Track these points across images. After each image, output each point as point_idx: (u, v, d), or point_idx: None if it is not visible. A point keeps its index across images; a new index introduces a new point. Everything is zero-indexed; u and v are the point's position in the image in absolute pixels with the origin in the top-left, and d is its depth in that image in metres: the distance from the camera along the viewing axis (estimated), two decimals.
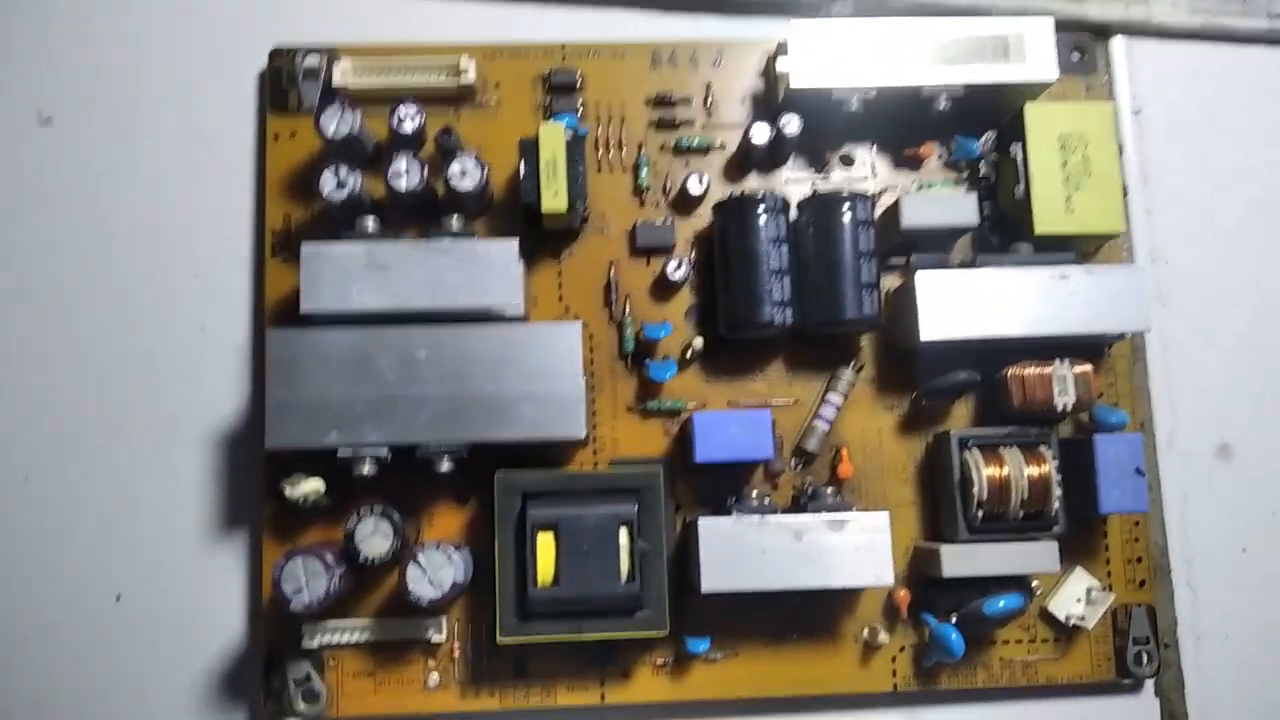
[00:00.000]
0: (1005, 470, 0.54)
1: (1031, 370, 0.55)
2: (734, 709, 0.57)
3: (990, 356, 0.56)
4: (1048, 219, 0.55)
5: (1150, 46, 0.63)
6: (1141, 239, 0.62)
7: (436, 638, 0.55)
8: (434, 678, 0.56)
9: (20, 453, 0.58)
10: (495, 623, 0.52)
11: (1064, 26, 0.61)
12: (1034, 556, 0.54)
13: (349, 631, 0.55)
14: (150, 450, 0.58)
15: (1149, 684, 0.59)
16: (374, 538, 0.52)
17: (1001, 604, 0.54)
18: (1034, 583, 0.57)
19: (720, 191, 0.59)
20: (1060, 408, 0.54)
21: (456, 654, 0.56)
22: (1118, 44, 0.63)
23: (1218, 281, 0.62)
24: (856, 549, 0.53)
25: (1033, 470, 0.54)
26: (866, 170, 0.60)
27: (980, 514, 0.54)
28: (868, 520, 0.53)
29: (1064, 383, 0.54)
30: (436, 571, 0.52)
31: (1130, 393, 0.59)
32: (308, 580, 0.51)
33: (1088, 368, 0.55)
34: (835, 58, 0.56)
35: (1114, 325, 0.54)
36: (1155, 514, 0.60)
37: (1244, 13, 0.63)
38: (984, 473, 0.54)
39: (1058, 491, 0.54)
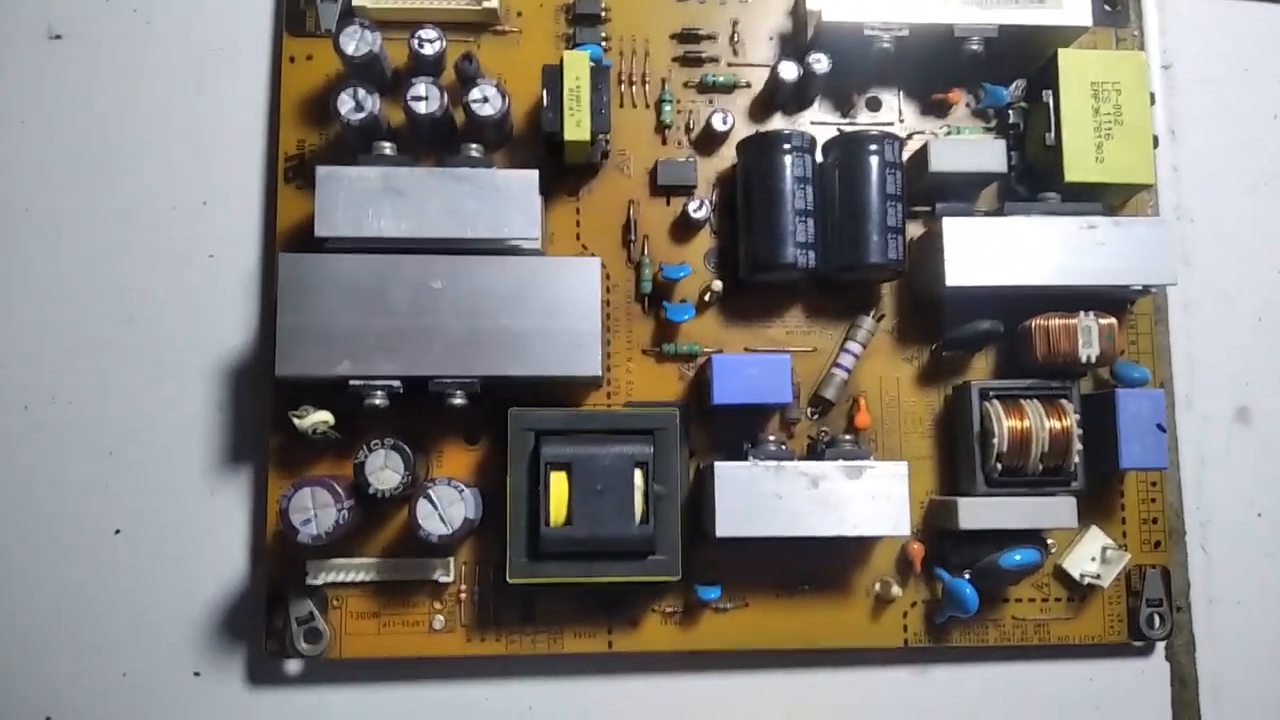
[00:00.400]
0: (1026, 422, 0.53)
1: (1056, 321, 0.54)
2: (743, 660, 0.56)
3: (1014, 307, 0.55)
4: (1078, 167, 0.54)
5: (1183, 1, 0.62)
6: (1167, 195, 0.61)
7: (444, 579, 0.54)
8: (439, 620, 0.54)
9: (20, 379, 0.56)
10: (505, 563, 0.51)
11: None
12: (1052, 512, 0.53)
13: (354, 570, 0.54)
14: (154, 379, 0.57)
15: (1159, 647, 0.58)
16: (384, 471, 0.51)
17: (1018, 558, 0.53)
18: (1049, 540, 0.56)
19: (744, 131, 0.58)
20: (1085, 359, 0.53)
21: (463, 596, 0.55)
22: None
23: (1242, 241, 0.61)
24: (874, 498, 0.52)
25: (1054, 423, 0.53)
26: (893, 115, 0.59)
27: (999, 467, 0.53)
28: (886, 469, 0.52)
29: (1089, 334, 0.53)
30: (448, 507, 0.51)
31: (1151, 351, 0.58)
32: (316, 511, 0.50)
33: (1112, 320, 0.54)
34: None
35: (1141, 278, 0.54)
36: (1172, 476, 0.59)
37: None
38: (1005, 424, 0.53)
39: (1078, 446, 0.53)
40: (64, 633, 0.55)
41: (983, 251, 0.54)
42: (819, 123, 0.59)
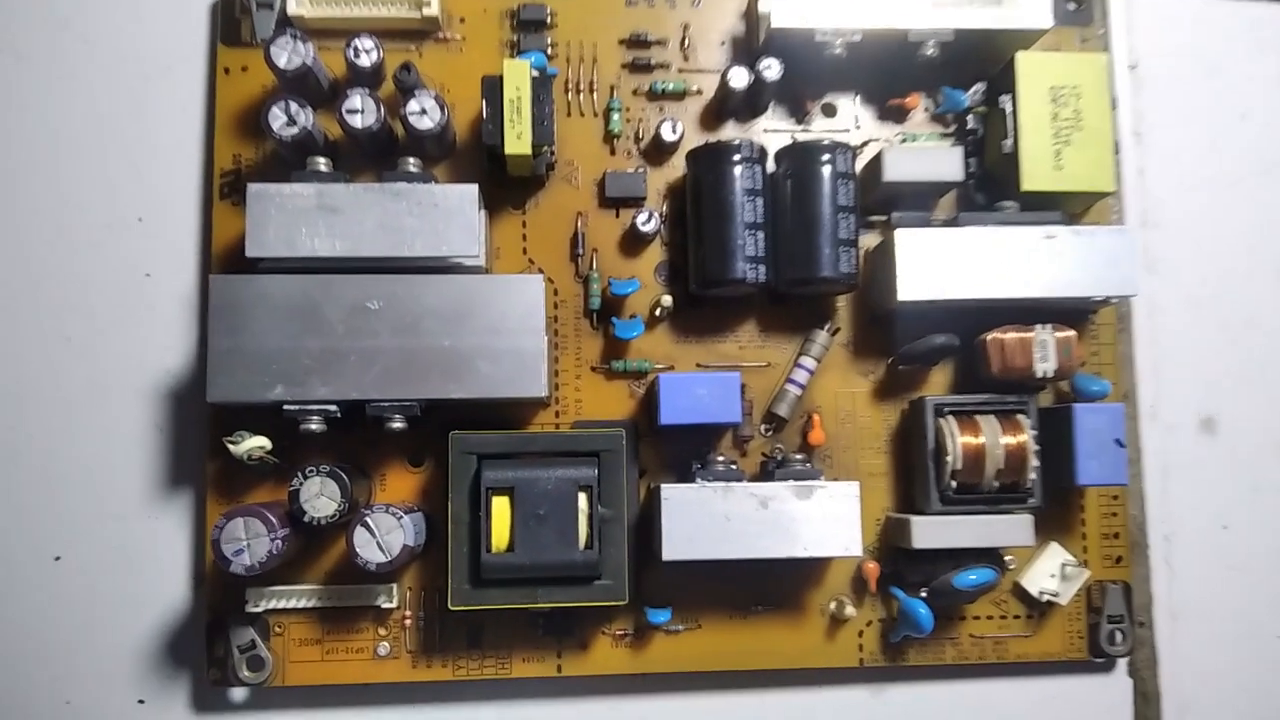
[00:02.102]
0: (981, 439, 0.51)
1: (1011, 335, 0.52)
2: (695, 683, 0.55)
3: (971, 320, 0.54)
4: (1036, 175, 0.53)
5: None
6: (1133, 200, 0.59)
7: (387, 605, 0.53)
8: (384, 646, 0.53)
9: None
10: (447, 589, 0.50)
11: None
12: (1008, 530, 0.52)
13: (296, 597, 0.53)
14: (91, 403, 0.55)
15: (1121, 663, 0.57)
16: (319, 498, 0.50)
17: (972, 578, 0.52)
18: (1007, 557, 0.55)
19: (695, 140, 0.56)
20: (1040, 374, 0.52)
21: (408, 622, 0.54)
22: None
23: (1210, 246, 0.60)
24: (825, 518, 0.50)
25: (1009, 439, 0.52)
26: (849, 122, 0.58)
27: (954, 484, 0.52)
28: (837, 489, 0.51)
29: (1045, 348, 0.52)
30: (386, 535, 0.49)
31: (1114, 362, 0.57)
32: (249, 541, 0.48)
33: (1070, 333, 0.52)
34: None
35: (1101, 289, 0.52)
36: (1135, 488, 0.58)
37: None
38: (959, 440, 0.51)
39: (1034, 462, 0.52)
40: (5, 661, 0.54)
41: (936, 264, 0.52)
42: (773, 130, 0.57)
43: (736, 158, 0.53)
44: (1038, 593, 0.54)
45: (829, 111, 0.58)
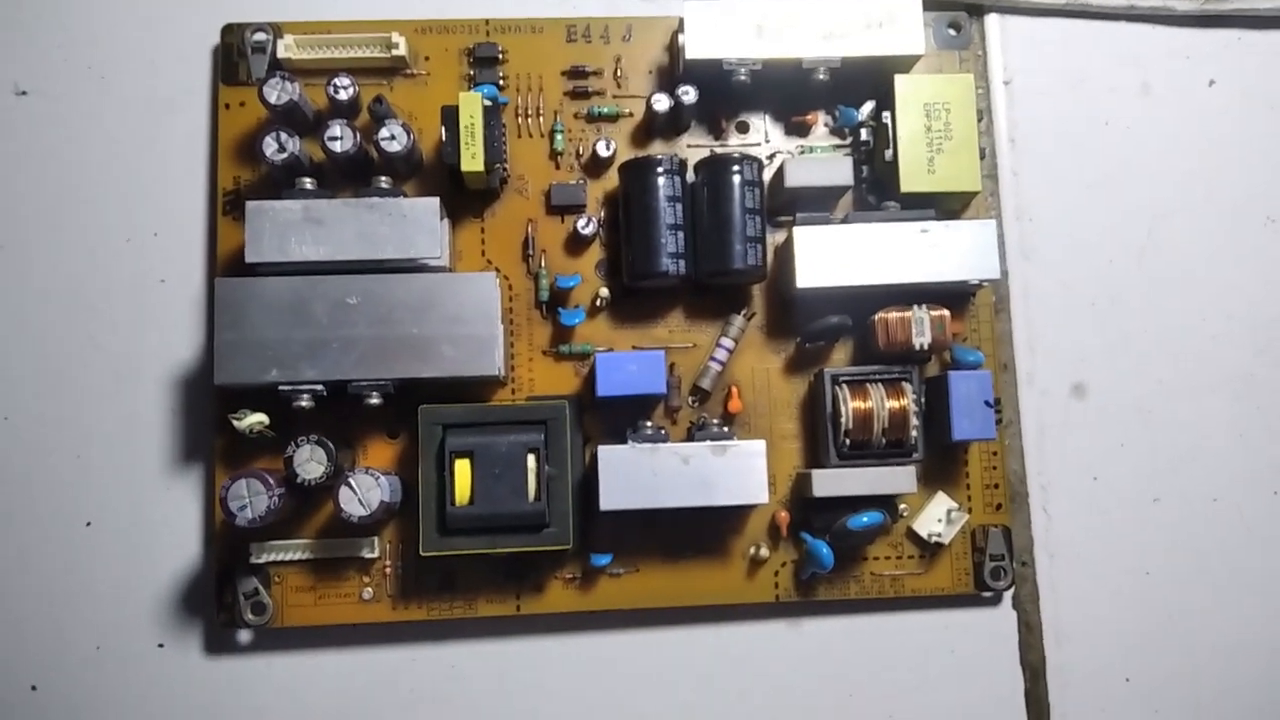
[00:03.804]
0: (868, 403, 0.61)
1: (893, 314, 0.61)
2: (635, 618, 0.64)
3: (863, 304, 0.63)
4: (912, 179, 0.62)
5: (1020, 22, 0.70)
6: (1009, 197, 0.68)
7: (370, 555, 0.62)
8: (368, 591, 0.62)
9: (0, 395, 0.65)
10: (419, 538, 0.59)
11: (942, 4, 0.68)
12: (894, 479, 0.61)
13: (292, 550, 0.62)
14: (116, 390, 0.65)
15: (1007, 597, 0.66)
16: (310, 463, 0.59)
17: (864, 520, 0.61)
18: (902, 506, 0.64)
19: (627, 155, 0.65)
20: (919, 347, 0.61)
21: (388, 570, 0.63)
22: (991, 20, 0.70)
23: (1078, 236, 0.69)
24: (736, 472, 0.59)
25: (893, 403, 0.61)
26: (760, 136, 0.67)
27: (847, 442, 0.61)
28: (746, 447, 0.60)
29: (921, 325, 0.61)
30: (366, 493, 0.59)
31: (993, 337, 0.66)
32: (251, 499, 0.58)
33: (943, 312, 0.61)
34: (726, 33, 0.62)
35: (968, 274, 0.61)
36: (1015, 445, 0.67)
37: None
38: (850, 405, 0.61)
39: (915, 422, 0.61)
40: (44, 612, 0.63)
41: (830, 256, 0.61)
42: (695, 145, 0.67)
43: (660, 170, 0.62)
44: (926, 535, 0.63)
45: (742, 128, 0.67)
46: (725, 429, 0.62)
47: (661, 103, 0.64)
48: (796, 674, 0.65)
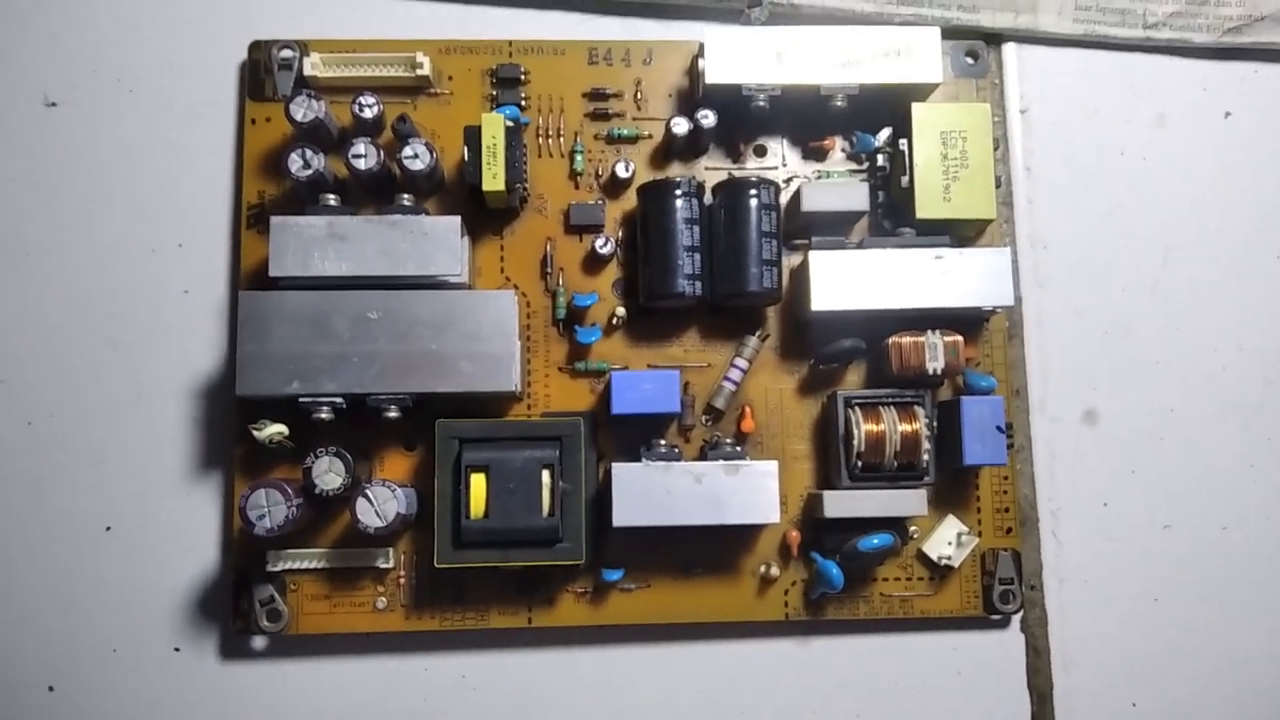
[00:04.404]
0: (881, 426, 0.61)
1: (907, 339, 0.62)
2: (645, 633, 0.65)
3: (877, 328, 0.64)
4: (928, 205, 0.63)
5: (1037, 52, 0.70)
6: (1023, 225, 0.69)
7: (385, 565, 0.63)
8: (382, 601, 0.63)
9: (24, 398, 0.66)
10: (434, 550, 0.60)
11: (960, 34, 0.69)
12: (905, 502, 0.61)
13: (308, 559, 0.63)
14: (139, 399, 0.66)
15: (1016, 620, 0.66)
16: (328, 474, 0.60)
17: (875, 541, 0.61)
18: (913, 529, 0.64)
19: (646, 177, 0.66)
20: (932, 371, 0.62)
21: (402, 581, 0.63)
22: (1009, 49, 0.70)
23: (1091, 264, 0.69)
24: (748, 491, 0.60)
25: (905, 427, 0.61)
26: (778, 160, 0.68)
27: (859, 464, 0.62)
28: (759, 467, 0.60)
29: (934, 350, 0.62)
30: (382, 504, 0.59)
31: (1005, 362, 0.66)
32: (270, 508, 0.59)
33: (957, 338, 0.62)
34: (746, 59, 0.63)
35: (982, 300, 0.62)
36: (1025, 470, 0.67)
37: (1121, 23, 0.70)
38: (863, 428, 0.61)
39: (927, 446, 0.61)
40: (63, 615, 0.64)
41: (845, 280, 0.62)
42: (712, 168, 0.68)
43: (678, 192, 0.63)
44: (936, 557, 0.64)
45: (760, 152, 0.68)
46: (738, 448, 0.62)
47: (681, 126, 0.65)
48: (804, 692, 0.65)
